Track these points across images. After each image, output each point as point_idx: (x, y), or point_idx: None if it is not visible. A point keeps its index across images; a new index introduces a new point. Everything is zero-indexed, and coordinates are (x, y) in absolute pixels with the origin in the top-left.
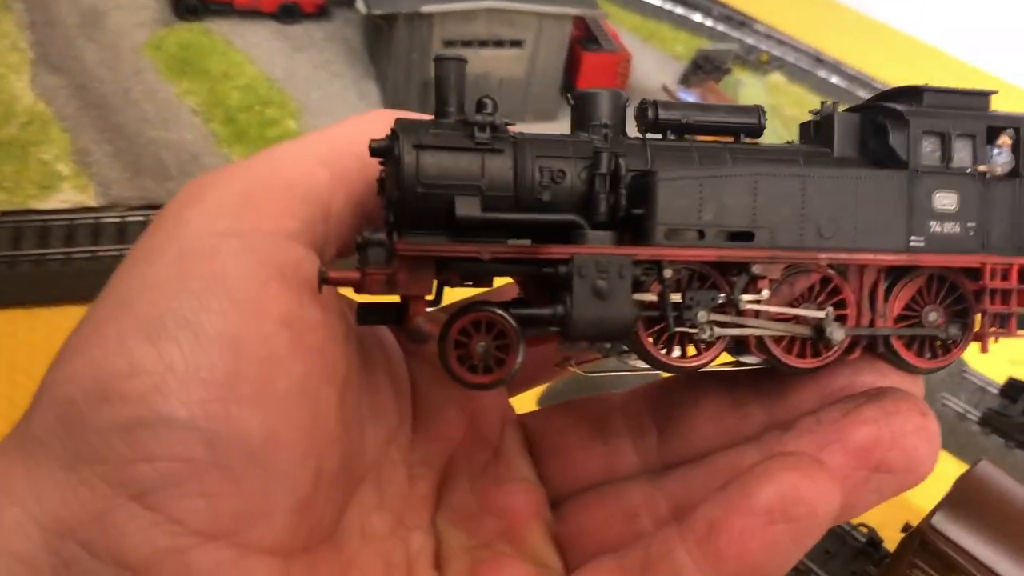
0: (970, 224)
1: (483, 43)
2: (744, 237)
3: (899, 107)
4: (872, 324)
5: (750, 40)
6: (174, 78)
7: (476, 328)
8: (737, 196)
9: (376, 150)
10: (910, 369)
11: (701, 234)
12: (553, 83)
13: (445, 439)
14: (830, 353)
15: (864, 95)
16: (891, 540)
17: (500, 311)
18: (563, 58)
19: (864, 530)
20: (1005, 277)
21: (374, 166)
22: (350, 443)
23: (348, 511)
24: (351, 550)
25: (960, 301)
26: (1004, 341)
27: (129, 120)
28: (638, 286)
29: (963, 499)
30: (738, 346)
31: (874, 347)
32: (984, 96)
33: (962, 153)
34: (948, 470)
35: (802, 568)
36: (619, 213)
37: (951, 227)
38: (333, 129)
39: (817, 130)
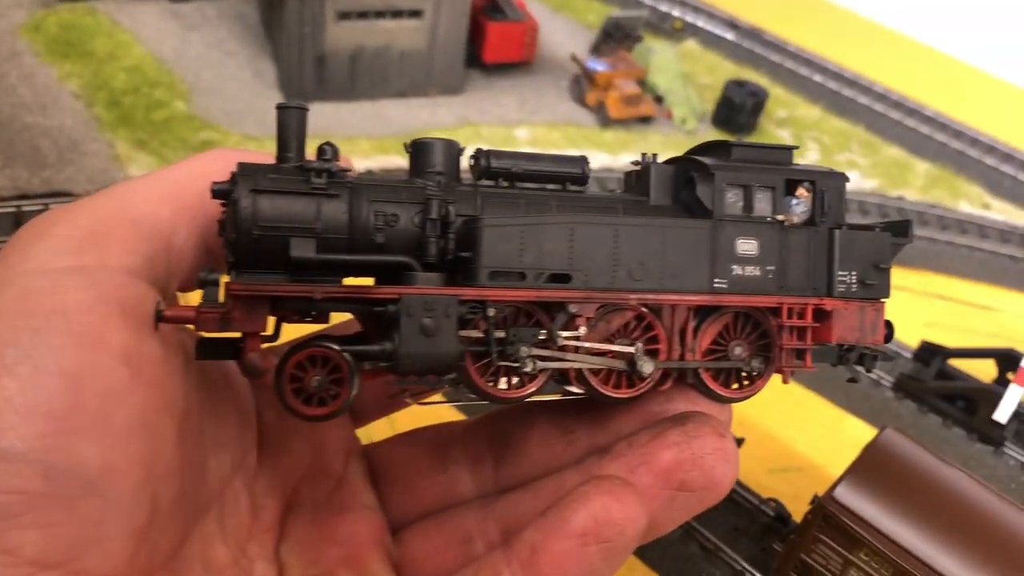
0: (769, 268)
1: (380, 14)
2: (562, 279)
3: (707, 160)
4: (682, 358)
5: (663, 7)
6: (55, 61)
7: (311, 363)
8: (555, 242)
9: (217, 193)
10: (717, 398)
11: (522, 276)
12: (456, 55)
13: (290, 469)
14: (643, 384)
15: (778, 60)
16: (802, 514)
17: (334, 347)
18: (465, 28)
19: (773, 505)
20: (801, 316)
21: (216, 202)
22: (190, 473)
23: (190, 540)
24: None
25: (765, 336)
26: (920, 303)
27: (3, 106)
28: (465, 323)
29: (866, 470)
30: (562, 378)
31: (684, 378)
32: (787, 151)
33: (763, 203)
34: (862, 438)
35: (711, 547)
36: (448, 255)
37: (752, 270)
38: (177, 166)
39: (638, 180)
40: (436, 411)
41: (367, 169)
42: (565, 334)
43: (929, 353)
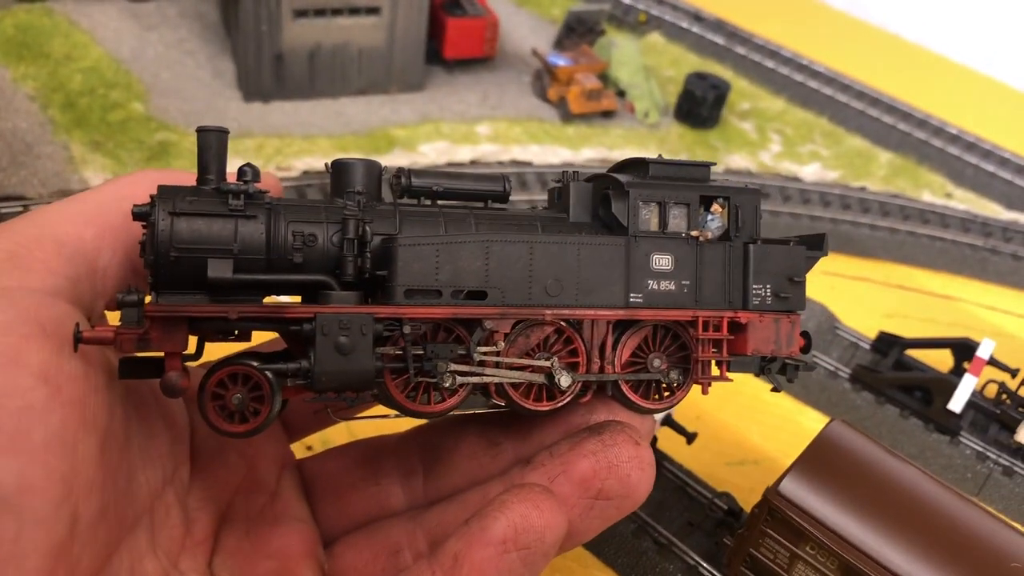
0: (685, 282)
1: (337, 11)
2: (478, 295)
3: (622, 178)
4: (601, 370)
5: (627, 0)
6: (10, 63)
7: (233, 380)
8: (471, 259)
9: (137, 215)
10: (637, 410)
11: (439, 293)
12: (416, 52)
13: (224, 483)
14: (562, 397)
15: (743, 52)
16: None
17: (255, 364)
18: (424, 24)
19: (726, 499)
20: (717, 328)
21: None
22: (115, 489)
23: (118, 555)
24: None
25: (684, 349)
26: (880, 294)
27: None
28: (383, 340)
29: (812, 463)
30: (484, 392)
31: (605, 391)
32: (705, 167)
33: (677, 219)
34: (819, 430)
35: (664, 542)
36: (365, 274)
37: (667, 285)
38: (101, 188)
39: (559, 197)
40: (390, 421)
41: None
42: (483, 349)
43: (886, 344)
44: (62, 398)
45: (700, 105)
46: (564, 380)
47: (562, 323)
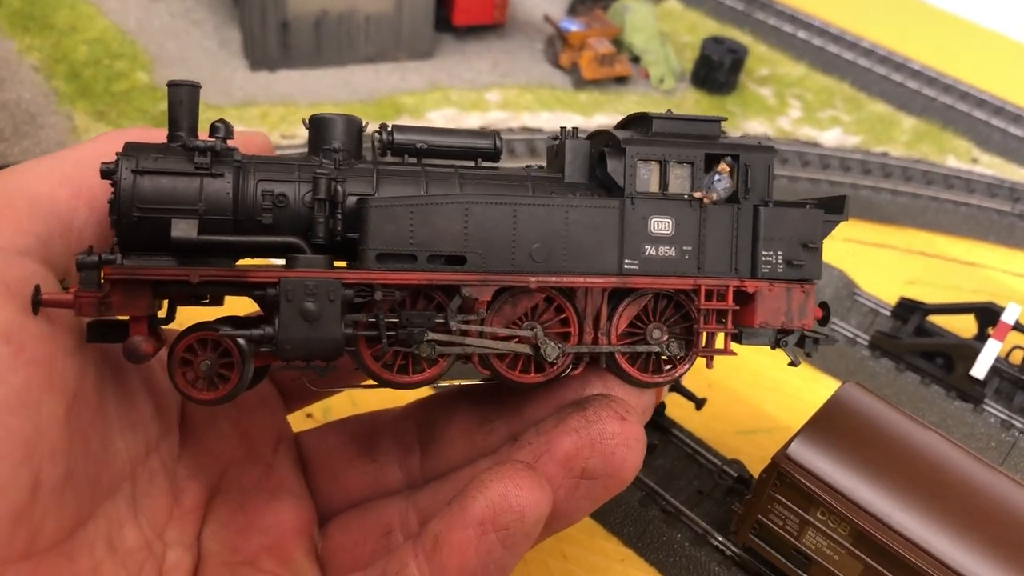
0: (687, 248)
1: None
2: (457, 261)
3: (620, 134)
4: (595, 341)
5: None
6: (16, 34)
7: (202, 346)
8: (449, 222)
9: (104, 173)
10: (634, 383)
11: (413, 258)
12: (424, 18)
13: (216, 454)
14: (552, 369)
15: (762, 17)
16: None
17: (225, 330)
18: None
19: (736, 467)
20: (721, 298)
21: None
22: (87, 453)
23: (93, 521)
24: (91, 561)
25: (688, 319)
26: (902, 260)
27: None
28: (357, 307)
29: (823, 426)
30: (469, 363)
31: (598, 363)
32: (715, 123)
33: (680, 180)
34: (824, 398)
35: (672, 511)
36: (337, 237)
37: (667, 251)
38: (77, 148)
39: (557, 155)
40: (399, 392)
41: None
42: (463, 318)
43: (907, 310)
44: (25, 357)
45: (717, 70)
46: (550, 351)
47: (551, 292)
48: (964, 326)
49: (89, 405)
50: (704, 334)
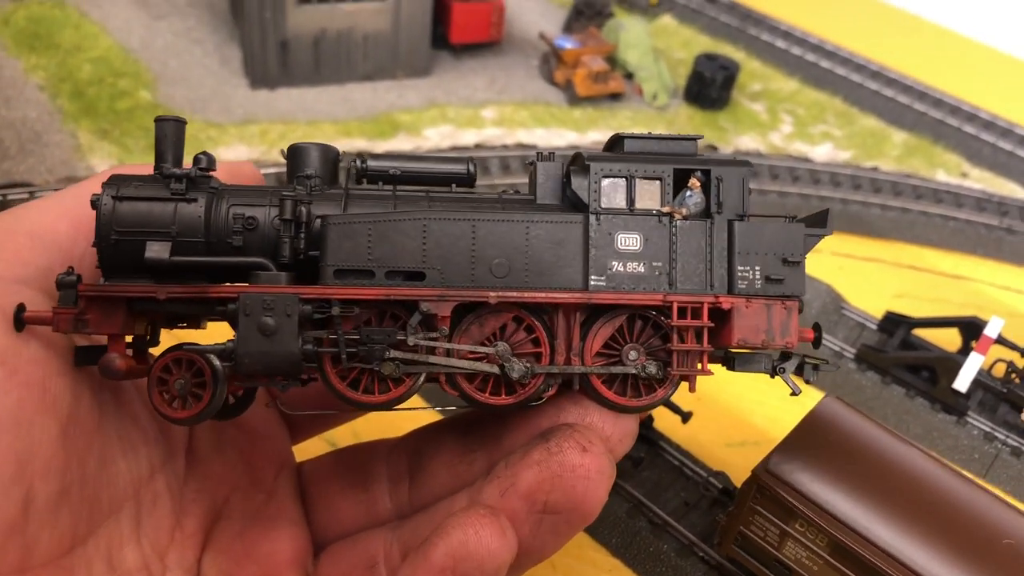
0: (656, 264)
1: None
2: (416, 277)
3: (587, 153)
4: (568, 363)
5: None
6: (22, 54)
7: (177, 366)
8: (407, 238)
9: (92, 203)
10: (612, 407)
11: (371, 274)
12: (422, 36)
13: (220, 478)
14: (523, 390)
15: (755, 33)
16: None
17: (199, 351)
18: (429, 9)
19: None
20: (697, 315)
21: None
22: (83, 473)
23: (94, 539)
24: None
25: (667, 340)
26: (890, 274)
27: None
28: (320, 324)
29: (802, 439)
30: (439, 384)
31: (571, 384)
32: (690, 141)
33: (648, 196)
34: (804, 412)
35: (659, 522)
36: (300, 255)
37: (635, 267)
38: (80, 184)
39: (531, 177)
40: (400, 422)
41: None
42: (423, 335)
43: (893, 323)
44: (18, 379)
45: (709, 86)
46: (515, 370)
47: (519, 311)
48: (949, 339)
49: (85, 426)
50: (680, 354)
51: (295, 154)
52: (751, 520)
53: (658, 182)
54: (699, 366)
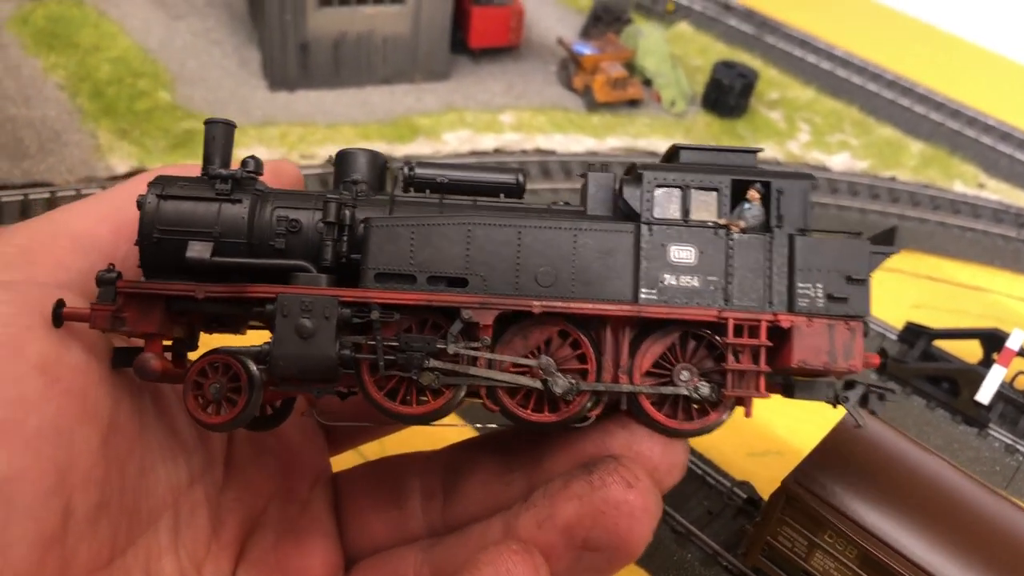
0: (712, 278)
1: (361, 0)
2: (458, 283)
3: (641, 163)
4: (615, 381)
5: None
6: (41, 53)
7: (214, 370)
8: (450, 244)
9: (138, 203)
10: (662, 430)
11: (413, 279)
12: (441, 40)
13: (257, 489)
14: (567, 408)
15: (772, 41)
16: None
17: (235, 352)
18: (449, 13)
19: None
20: (754, 333)
21: None
22: (123, 483)
23: (133, 550)
24: None
25: (721, 361)
26: (908, 284)
27: None
28: (358, 330)
29: (831, 451)
30: (479, 397)
31: (618, 405)
32: (750, 153)
33: (704, 207)
34: (833, 422)
35: (682, 531)
36: (342, 259)
37: (689, 280)
38: (120, 186)
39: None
40: (442, 435)
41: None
42: (464, 344)
43: (913, 334)
44: (60, 388)
45: (727, 94)
46: (559, 385)
47: (565, 324)
48: (969, 351)
49: (126, 435)
50: (735, 375)
51: (343, 160)
52: (779, 531)
53: (715, 193)
54: (756, 388)
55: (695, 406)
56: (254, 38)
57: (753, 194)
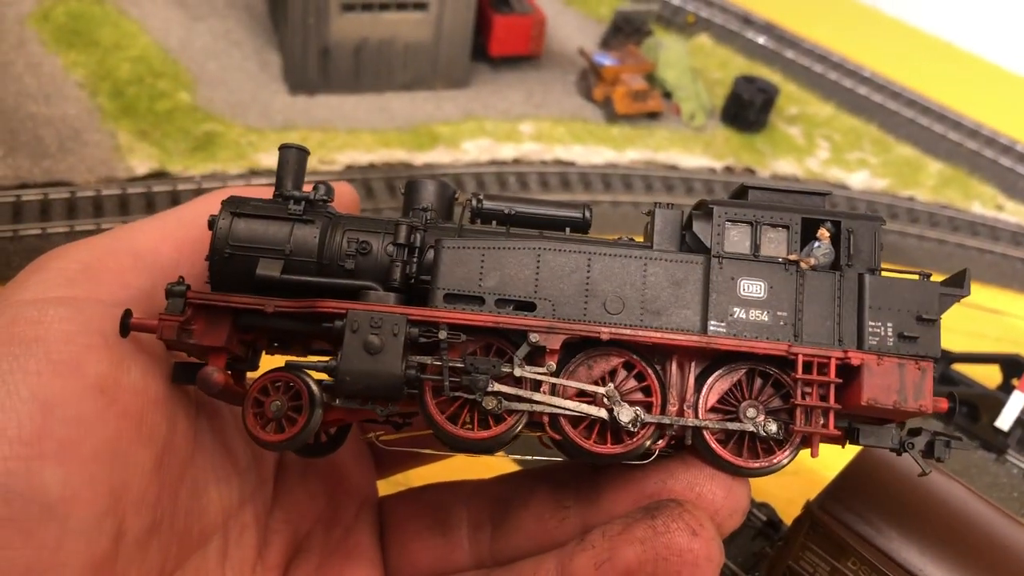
0: (781, 313)
1: (384, 6)
2: (526, 307)
3: (711, 200)
4: (680, 415)
5: (676, 1)
6: (61, 50)
7: (275, 388)
8: (520, 267)
9: (210, 223)
10: (726, 468)
11: (481, 300)
12: (462, 48)
13: (304, 510)
14: (631, 441)
15: (792, 56)
16: (793, 519)
17: (300, 367)
18: (471, 21)
19: (765, 510)
20: (823, 370)
21: None
22: (175, 504)
23: (182, 571)
24: None
25: (788, 399)
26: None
27: (7, 95)
28: (423, 350)
29: (856, 478)
30: (540, 428)
31: (683, 440)
32: (821, 196)
33: (774, 244)
34: (857, 448)
35: None
36: (411, 280)
37: (758, 315)
38: (184, 206)
39: (648, 227)
40: (489, 466)
41: (369, 163)
42: (530, 369)
43: None
44: (117, 409)
45: (747, 109)
46: (624, 414)
47: (631, 356)
48: (987, 375)
49: (180, 457)
50: (804, 411)
51: (412, 189)
52: (801, 555)
53: (785, 230)
54: (825, 426)
55: (761, 445)
56: (274, 41)
57: (823, 232)
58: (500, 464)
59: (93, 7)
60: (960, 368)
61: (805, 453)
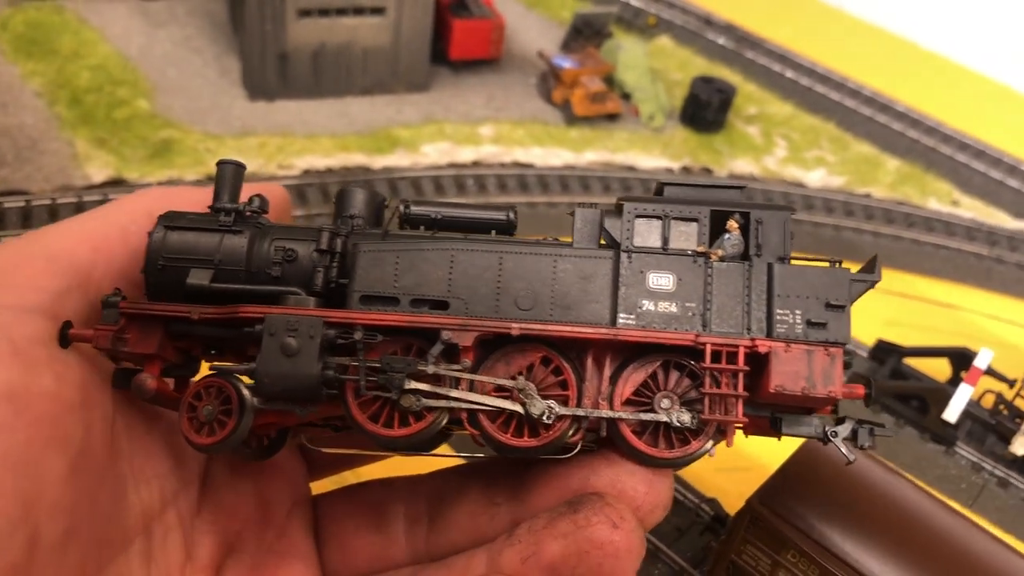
0: (690, 304)
1: (341, 11)
2: (440, 306)
3: (623, 197)
4: (596, 407)
5: (636, 3)
6: (19, 59)
7: (208, 392)
8: (433, 268)
9: (148, 233)
10: (644, 459)
11: (396, 301)
12: (421, 52)
13: (233, 511)
14: (548, 434)
15: (752, 57)
16: None
17: (228, 371)
18: (429, 26)
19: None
20: (732, 359)
21: (138, 237)
22: (93, 510)
23: (108, 573)
24: None
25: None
26: (880, 301)
27: None
28: (341, 351)
29: (796, 471)
30: (459, 423)
31: (597, 430)
32: (737, 189)
33: (683, 237)
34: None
35: (651, 548)
36: (332, 284)
37: (667, 306)
38: (103, 207)
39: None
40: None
41: (327, 167)
42: (444, 366)
43: (884, 352)
44: (28, 416)
45: (705, 109)
46: (535, 407)
47: (547, 351)
48: (939, 369)
49: (97, 461)
50: (713, 400)
51: (341, 197)
52: (743, 549)
53: (694, 223)
54: (734, 413)
55: (676, 436)
56: (234, 47)
57: (732, 224)
58: (437, 463)
59: (52, 16)
60: (912, 362)
61: (754, 447)
